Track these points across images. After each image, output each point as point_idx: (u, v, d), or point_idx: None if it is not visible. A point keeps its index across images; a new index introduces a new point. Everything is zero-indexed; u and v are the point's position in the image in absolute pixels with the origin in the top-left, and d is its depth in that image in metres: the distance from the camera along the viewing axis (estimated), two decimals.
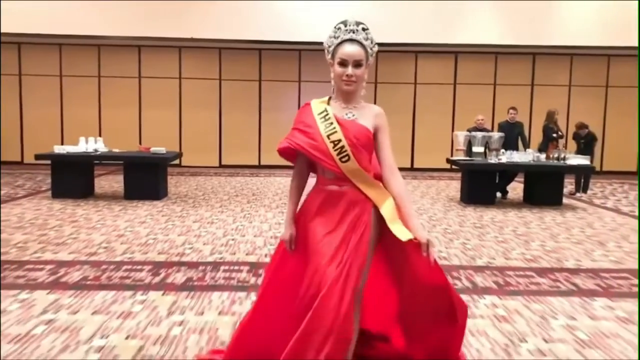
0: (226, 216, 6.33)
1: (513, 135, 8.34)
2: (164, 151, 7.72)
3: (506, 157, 7.72)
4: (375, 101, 11.32)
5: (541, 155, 7.93)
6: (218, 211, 6.64)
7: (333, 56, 2.10)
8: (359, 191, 2.08)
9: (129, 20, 10.81)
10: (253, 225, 5.86)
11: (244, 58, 12.13)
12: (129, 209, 6.64)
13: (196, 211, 6.59)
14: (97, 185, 8.37)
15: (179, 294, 3.50)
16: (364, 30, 2.09)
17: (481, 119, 8.36)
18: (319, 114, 2.12)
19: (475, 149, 8.00)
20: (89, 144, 7.65)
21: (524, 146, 8.53)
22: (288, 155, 2.21)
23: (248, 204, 7.29)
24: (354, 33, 2.07)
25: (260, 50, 12.07)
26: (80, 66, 12.01)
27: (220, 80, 12.26)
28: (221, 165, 12.37)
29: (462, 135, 8.22)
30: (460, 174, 8.52)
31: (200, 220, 6.01)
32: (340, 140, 2.05)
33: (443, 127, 12.24)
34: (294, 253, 2.19)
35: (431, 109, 12.39)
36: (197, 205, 7.02)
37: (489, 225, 6.14)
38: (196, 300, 3.41)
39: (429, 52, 12.14)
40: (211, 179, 10.08)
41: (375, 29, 2.24)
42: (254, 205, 7.19)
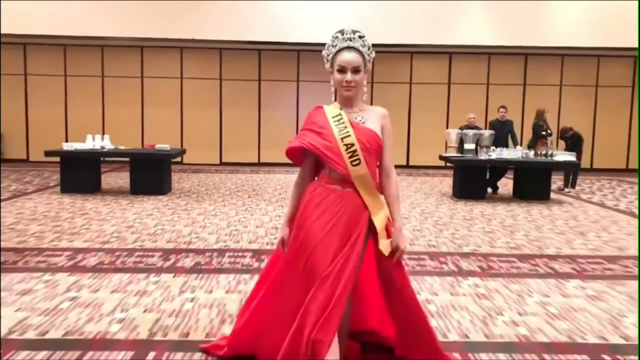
0: (229, 209, 6.65)
1: (503, 133, 8.69)
2: (169, 148, 8.04)
3: (496, 154, 8.05)
4: (371, 100, 11.64)
5: (530, 152, 8.27)
6: (221, 205, 6.97)
7: (332, 64, 2.18)
8: (358, 196, 2.17)
9: (131, 21, 11.12)
10: (254, 217, 6.18)
11: (243, 58, 12.45)
12: (136, 203, 6.96)
13: (200, 205, 6.92)
14: (104, 181, 8.68)
15: (189, 276, 3.83)
16: (360, 37, 2.17)
17: (473, 117, 8.69)
18: (333, 117, 2.20)
19: (467, 146, 8.36)
20: (96, 141, 7.98)
21: (514, 143, 8.87)
22: (295, 155, 2.27)
23: (249, 198, 7.61)
24: (351, 41, 2.15)
25: (260, 50, 12.38)
26: (84, 66, 12.32)
27: (220, 80, 12.57)
28: (222, 163, 12.69)
29: (454, 132, 8.57)
30: (453, 171, 8.86)
31: (204, 213, 6.34)
32: (353, 144, 2.13)
33: (437, 126, 12.55)
34: (290, 252, 2.25)
35: (426, 108, 12.74)
36: (201, 200, 7.34)
37: (477, 217, 6.47)
38: (205, 281, 3.74)
39: (424, 53, 12.49)
40: (212, 176, 10.39)
41: (372, 30, 2.47)
42: (255, 199, 7.52)
